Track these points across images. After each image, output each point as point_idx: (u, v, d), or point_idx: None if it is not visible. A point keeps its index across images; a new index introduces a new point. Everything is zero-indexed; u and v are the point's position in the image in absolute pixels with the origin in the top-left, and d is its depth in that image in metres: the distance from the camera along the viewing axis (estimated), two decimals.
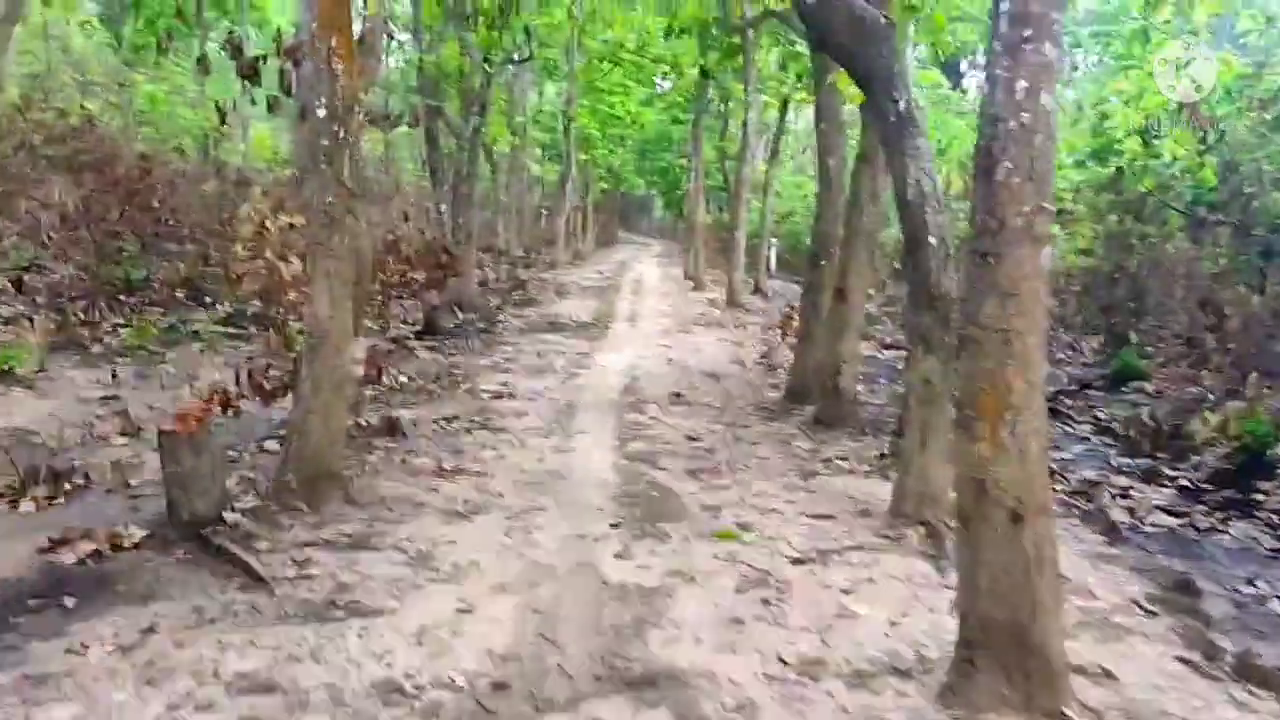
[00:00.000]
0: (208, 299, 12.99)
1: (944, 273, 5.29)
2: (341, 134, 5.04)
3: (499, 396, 9.29)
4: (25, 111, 16.01)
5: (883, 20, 5.39)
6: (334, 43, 4.96)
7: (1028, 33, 3.12)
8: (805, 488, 6.34)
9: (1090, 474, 7.28)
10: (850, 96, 6.84)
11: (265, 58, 6.01)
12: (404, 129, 17.56)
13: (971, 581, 3.37)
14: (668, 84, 41.69)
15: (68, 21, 24.63)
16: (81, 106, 16.44)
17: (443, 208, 16.13)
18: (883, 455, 6.91)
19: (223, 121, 7.22)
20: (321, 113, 5.02)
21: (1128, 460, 7.77)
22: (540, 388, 9.82)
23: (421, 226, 16.63)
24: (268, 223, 11.12)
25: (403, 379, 10.02)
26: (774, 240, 25.50)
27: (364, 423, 7.44)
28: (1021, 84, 3.12)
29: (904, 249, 5.49)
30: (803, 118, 30.25)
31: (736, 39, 17.70)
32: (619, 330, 14.85)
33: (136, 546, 4.88)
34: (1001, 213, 3.16)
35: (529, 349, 12.48)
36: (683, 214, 47.44)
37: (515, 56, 15.37)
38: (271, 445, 6.88)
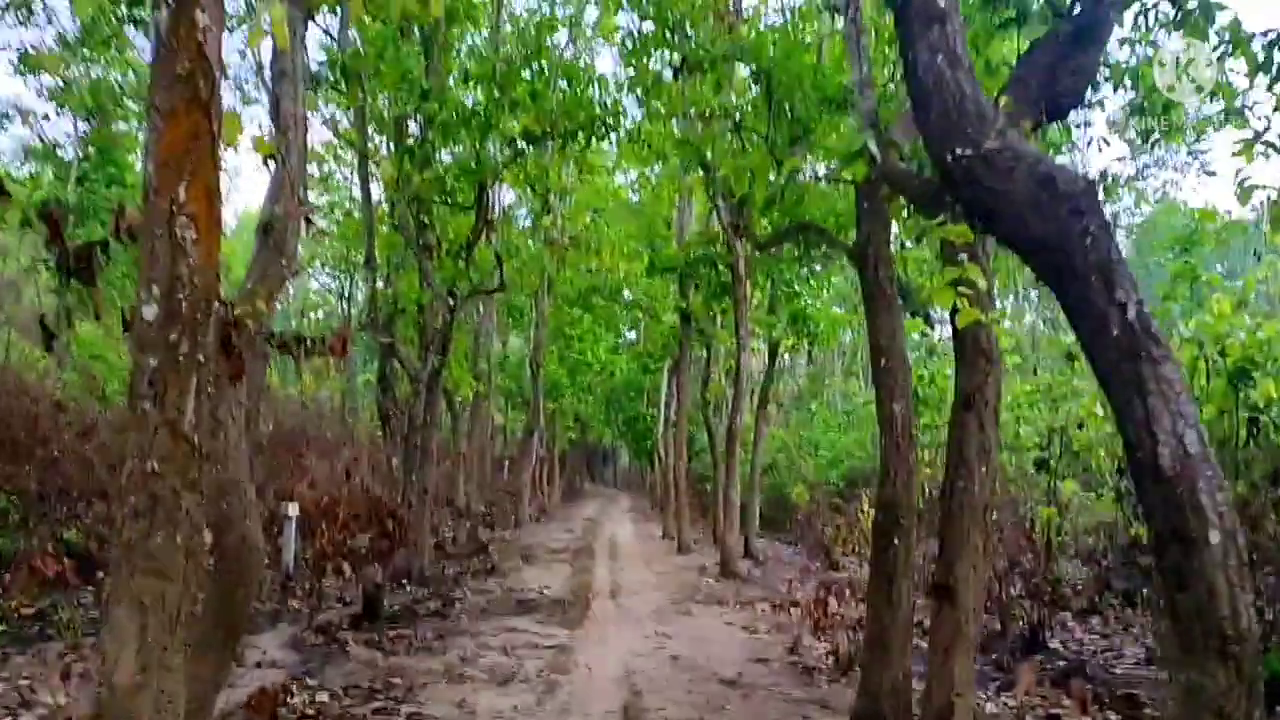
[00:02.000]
0: (101, 575, 10.42)
1: (1237, 593, 3.02)
2: (185, 349, 2.82)
3: None
4: None
5: (1083, 182, 3.40)
6: (181, 196, 2.84)
7: None
8: None
9: None
10: (964, 314, 4.78)
11: (104, 245, 3.87)
12: (364, 377, 15.69)
13: None
14: (633, 334, 40.92)
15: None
16: None
17: (395, 461, 13.88)
18: None
19: (48, 346, 4.92)
20: (151, 311, 2.82)
21: None
22: (509, 709, 7.21)
23: (368, 482, 14.27)
24: None
25: (322, 698, 7.39)
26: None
27: None
28: None
29: (1156, 552, 3.24)
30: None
31: (726, 277, 16.21)
32: (601, 610, 12.27)
33: None
34: None
35: (493, 640, 9.88)
36: (653, 465, 45.61)
37: (485, 287, 13.58)
38: None
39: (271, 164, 4.64)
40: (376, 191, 13.89)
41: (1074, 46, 4.52)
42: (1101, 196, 3.59)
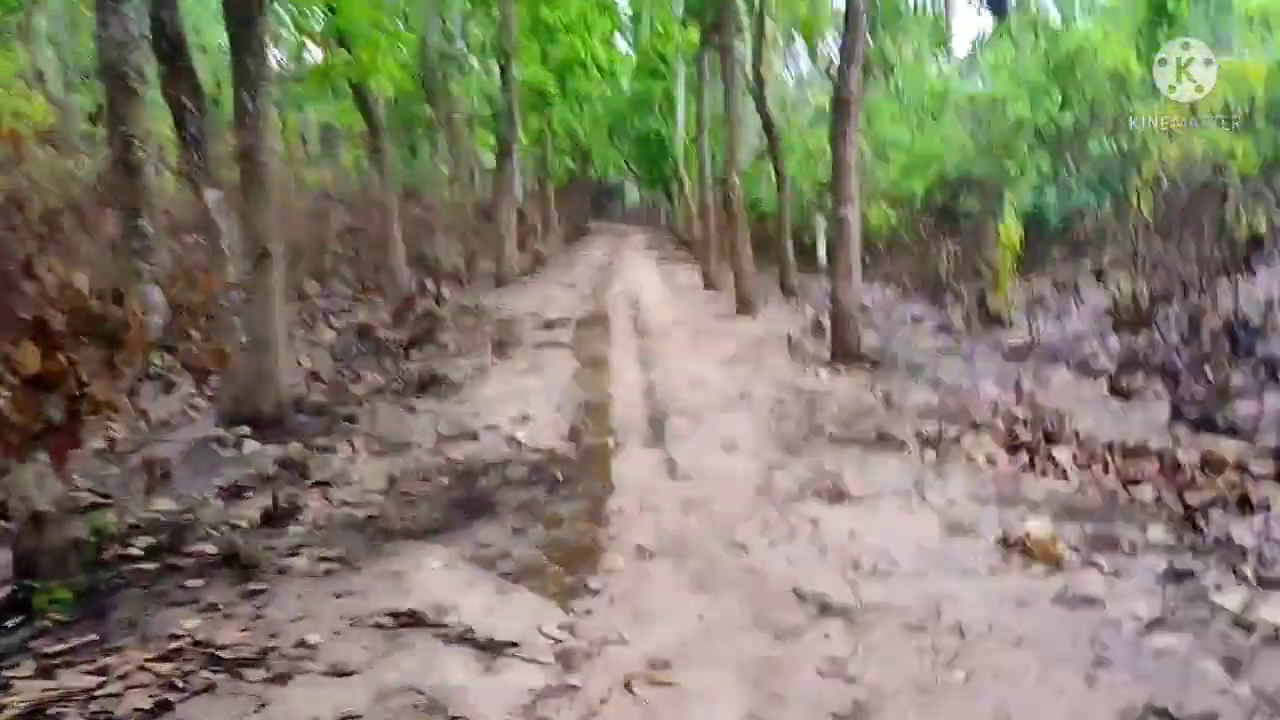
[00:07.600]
0: None
1: None
2: None
3: None
4: None
5: None
6: None
7: None
8: None
9: None
10: None
11: None
12: None
13: None
14: (624, 44, 32.68)
15: None
16: None
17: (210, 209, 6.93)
18: None
19: None
20: None
21: None
22: None
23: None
24: None
25: None
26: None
27: None
28: None
29: None
30: None
31: None
32: (637, 501, 5.49)
33: None
34: None
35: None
36: (669, 194, 38.29)
37: None
38: None
39: None
40: None
41: None
42: None
